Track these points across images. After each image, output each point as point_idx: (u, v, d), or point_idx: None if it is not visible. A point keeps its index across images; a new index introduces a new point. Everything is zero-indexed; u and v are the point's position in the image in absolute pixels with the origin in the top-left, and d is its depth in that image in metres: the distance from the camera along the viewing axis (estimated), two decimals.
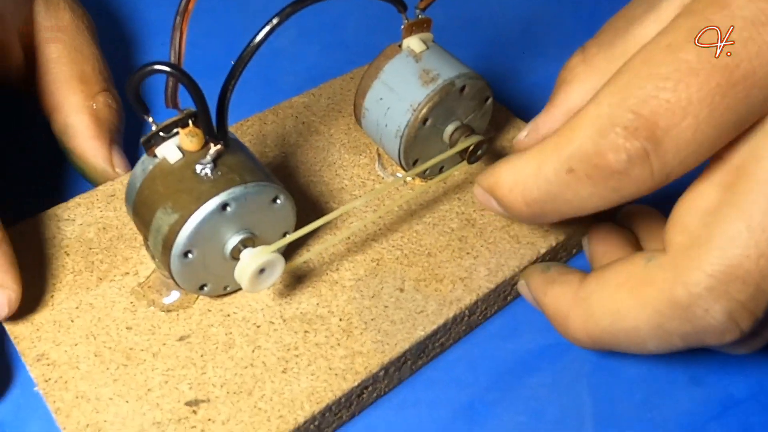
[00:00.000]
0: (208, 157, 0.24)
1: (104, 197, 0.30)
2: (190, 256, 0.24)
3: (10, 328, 0.26)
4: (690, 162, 0.20)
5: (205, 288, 0.26)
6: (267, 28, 0.24)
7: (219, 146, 0.24)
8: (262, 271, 0.25)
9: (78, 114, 0.31)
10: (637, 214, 0.28)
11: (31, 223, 0.29)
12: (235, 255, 0.25)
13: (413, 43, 0.29)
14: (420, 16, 0.29)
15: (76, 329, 0.26)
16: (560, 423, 0.26)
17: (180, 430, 0.23)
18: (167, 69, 0.23)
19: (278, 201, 0.25)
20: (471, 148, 0.29)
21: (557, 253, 0.30)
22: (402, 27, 0.29)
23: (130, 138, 0.34)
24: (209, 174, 0.24)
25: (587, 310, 0.23)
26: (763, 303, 0.20)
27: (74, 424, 0.23)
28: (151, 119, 0.25)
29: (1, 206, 0.27)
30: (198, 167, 0.24)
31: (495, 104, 0.34)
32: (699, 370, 0.27)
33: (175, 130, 0.25)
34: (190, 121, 0.24)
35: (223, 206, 0.24)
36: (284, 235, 0.27)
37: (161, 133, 0.25)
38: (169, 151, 0.25)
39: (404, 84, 0.29)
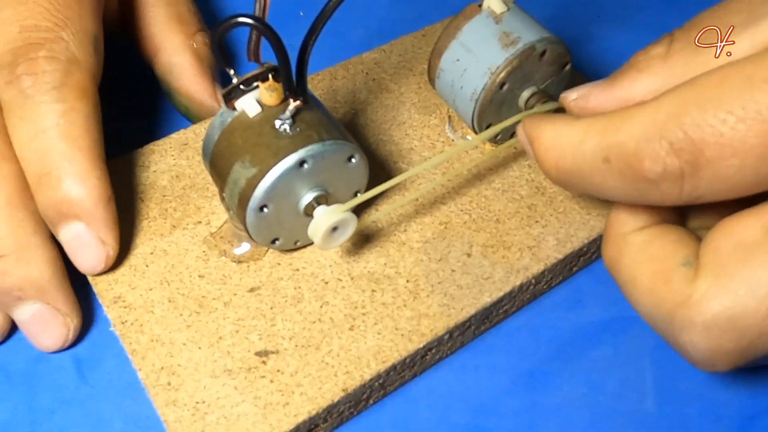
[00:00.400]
0: (288, 113, 0.24)
1: (177, 145, 0.30)
2: (265, 210, 0.25)
3: None
4: (722, 195, 0.20)
5: (277, 242, 0.26)
6: None
7: (298, 102, 0.24)
8: (334, 229, 0.25)
9: (181, 53, 0.32)
10: None
11: (108, 167, 0.29)
12: (308, 211, 0.25)
13: (494, 3, 0.28)
14: None
15: (151, 274, 0.26)
16: (620, 396, 0.26)
17: (250, 379, 0.24)
18: (251, 22, 0.23)
19: (353, 160, 0.25)
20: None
21: None
22: None
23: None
24: (288, 130, 0.24)
25: (620, 254, 0.23)
26: (748, 358, 0.21)
27: (149, 366, 0.24)
28: (232, 72, 0.25)
29: None
30: (277, 123, 0.24)
31: (573, 68, 0.33)
32: None
33: (255, 84, 0.25)
34: (270, 76, 0.24)
35: (301, 163, 0.24)
36: (355, 194, 0.27)
37: (241, 86, 0.25)
38: (248, 105, 0.25)
39: (483, 46, 0.28)
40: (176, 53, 0.32)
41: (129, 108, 0.34)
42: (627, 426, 0.25)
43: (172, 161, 0.30)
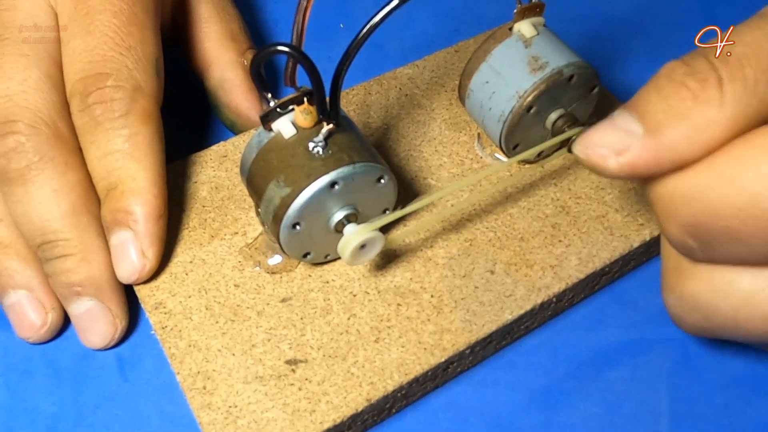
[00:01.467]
0: (320, 136, 0.25)
1: (217, 157, 0.32)
2: (297, 227, 0.26)
3: None
4: (737, 264, 0.21)
5: (309, 256, 0.27)
6: (386, 10, 0.25)
7: (331, 126, 0.25)
8: (362, 246, 0.26)
9: (233, 69, 0.33)
10: None
11: None
12: (338, 228, 0.27)
13: (524, 27, 0.29)
14: (534, 0, 0.29)
15: (190, 282, 0.28)
16: (635, 419, 0.27)
17: (280, 386, 0.26)
18: (288, 50, 0.24)
19: (382, 181, 0.27)
20: (574, 138, 0.29)
21: (650, 247, 0.30)
22: (514, 11, 0.29)
23: None
24: (321, 152, 0.25)
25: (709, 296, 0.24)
26: (711, 335, 0.23)
27: (187, 370, 0.26)
28: (270, 95, 0.26)
29: None
30: (311, 145, 0.25)
31: (601, 90, 0.34)
32: None
33: (290, 107, 0.26)
34: (305, 99, 0.26)
35: (332, 184, 0.25)
36: (384, 211, 0.28)
37: (278, 109, 0.26)
38: (284, 126, 0.26)
39: (512, 70, 0.29)
40: (228, 69, 0.34)
41: (174, 117, 0.36)
42: None
43: (212, 173, 0.31)
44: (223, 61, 0.34)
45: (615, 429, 0.26)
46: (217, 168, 0.32)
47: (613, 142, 0.20)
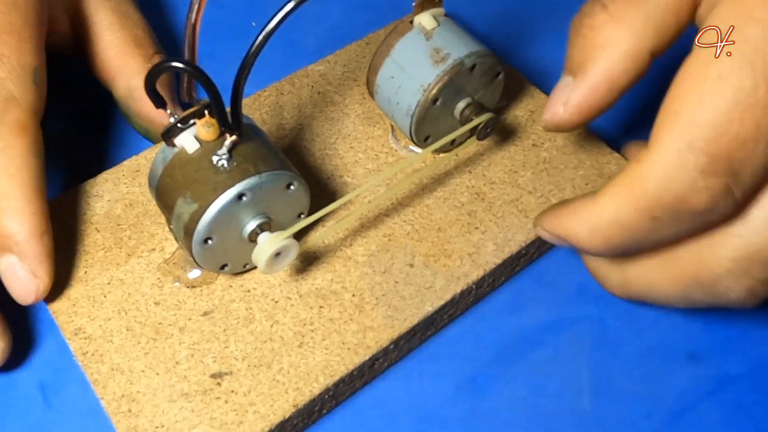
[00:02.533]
0: (224, 148, 0.25)
1: (130, 173, 0.31)
2: (210, 242, 0.26)
3: (49, 303, 0.28)
4: (764, 178, 0.21)
5: (226, 268, 0.27)
6: (280, 15, 0.25)
7: (234, 137, 0.25)
8: (278, 254, 0.26)
9: (140, 76, 0.32)
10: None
11: (63, 199, 0.30)
12: (252, 238, 0.26)
13: (424, 19, 0.29)
14: None
15: (109, 304, 0.28)
16: (559, 397, 0.27)
17: (206, 401, 0.26)
18: (182, 66, 0.24)
19: (292, 187, 0.27)
20: (481, 125, 0.29)
21: None
22: (414, 3, 0.29)
23: None
24: (225, 165, 0.25)
25: (623, 276, 0.25)
26: None
27: (111, 395, 0.26)
28: (168, 111, 0.26)
29: None
30: (215, 158, 0.25)
31: (509, 68, 0.34)
32: (697, 347, 0.29)
33: (192, 121, 0.26)
34: (205, 112, 0.25)
35: (240, 196, 0.25)
36: (299, 216, 0.28)
37: (179, 125, 0.26)
38: (187, 141, 0.26)
39: (415, 63, 0.29)
40: (135, 77, 0.32)
41: (87, 131, 0.35)
42: (564, 426, 0.27)
43: (125, 189, 0.31)
44: (129, 69, 0.33)
45: (539, 409, 0.27)
46: (130, 184, 0.31)
47: (559, 97, 0.24)
